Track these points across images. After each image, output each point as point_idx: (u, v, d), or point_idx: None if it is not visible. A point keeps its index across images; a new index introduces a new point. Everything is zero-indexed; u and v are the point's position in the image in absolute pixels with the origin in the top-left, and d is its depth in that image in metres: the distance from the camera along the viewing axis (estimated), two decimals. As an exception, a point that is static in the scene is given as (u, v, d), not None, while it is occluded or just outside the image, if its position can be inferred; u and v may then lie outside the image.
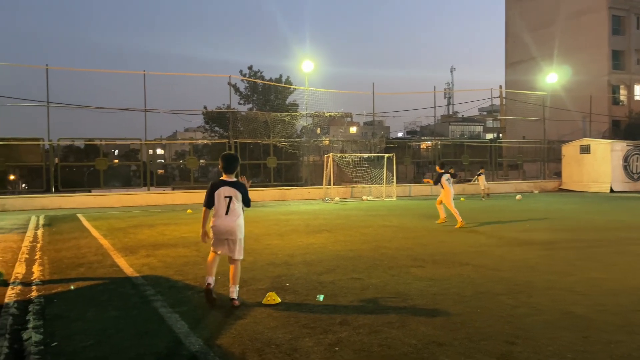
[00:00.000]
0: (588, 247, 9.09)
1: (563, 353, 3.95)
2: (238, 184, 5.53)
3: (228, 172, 5.56)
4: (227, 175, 5.55)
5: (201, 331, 4.60)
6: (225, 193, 5.44)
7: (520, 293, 5.77)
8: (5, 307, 5.54)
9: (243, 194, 5.51)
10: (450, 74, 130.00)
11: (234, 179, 5.56)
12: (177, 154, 60.12)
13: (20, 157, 23.69)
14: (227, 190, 5.45)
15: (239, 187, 5.51)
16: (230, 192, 5.45)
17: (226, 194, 5.44)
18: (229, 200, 5.43)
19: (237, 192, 5.47)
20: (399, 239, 10.38)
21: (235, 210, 5.45)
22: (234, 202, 5.44)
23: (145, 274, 7.23)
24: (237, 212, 5.47)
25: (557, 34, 48.23)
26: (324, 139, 34.01)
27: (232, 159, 5.64)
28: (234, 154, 5.82)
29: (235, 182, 5.53)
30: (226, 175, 5.56)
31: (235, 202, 5.45)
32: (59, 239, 11.38)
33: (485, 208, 18.50)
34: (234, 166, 5.60)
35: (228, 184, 5.49)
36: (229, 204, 5.43)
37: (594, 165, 29.90)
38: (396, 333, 4.44)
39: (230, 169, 5.56)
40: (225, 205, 5.43)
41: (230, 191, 5.45)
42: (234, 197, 5.44)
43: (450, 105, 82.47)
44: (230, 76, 29.85)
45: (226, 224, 5.42)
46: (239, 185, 5.53)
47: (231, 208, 5.43)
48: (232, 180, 5.53)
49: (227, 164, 5.56)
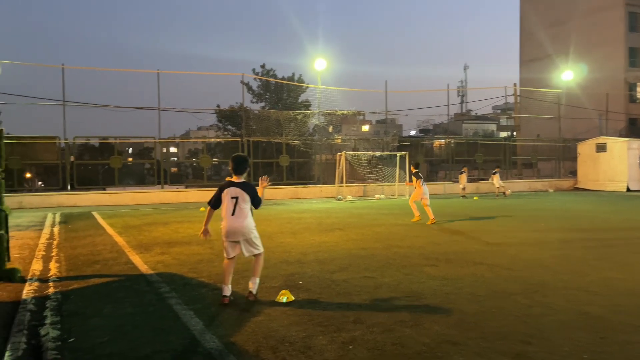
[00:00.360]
0: (604, 247, 8.99)
1: (579, 353, 3.91)
2: (246, 185, 5.52)
3: (237, 173, 5.56)
4: (237, 177, 5.55)
5: (216, 328, 4.63)
6: (232, 194, 5.44)
7: (535, 293, 5.73)
8: (23, 303, 5.63)
9: (251, 195, 5.48)
10: (463, 71, 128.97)
11: (242, 180, 5.55)
12: (190, 152, 60.54)
13: (36, 155, 24.01)
14: (233, 191, 5.44)
15: (247, 188, 5.49)
16: (237, 193, 5.43)
17: (233, 195, 5.43)
18: (235, 201, 5.41)
19: (244, 192, 5.44)
20: (412, 237, 10.35)
21: (242, 211, 5.43)
22: (240, 203, 5.42)
23: (159, 271, 7.30)
24: (245, 213, 5.44)
25: (572, 31, 47.63)
26: (336, 137, 34.00)
27: (241, 160, 5.61)
28: (244, 155, 5.80)
29: (242, 183, 5.52)
30: (236, 176, 5.56)
31: (242, 203, 5.43)
32: (74, 236, 11.53)
33: (499, 207, 18.36)
34: (243, 167, 5.59)
35: (236, 184, 5.49)
36: (235, 205, 5.41)
37: (610, 164, 29.50)
38: (409, 332, 4.44)
39: (239, 170, 5.56)
40: (232, 206, 5.42)
41: (236, 192, 5.43)
42: (240, 198, 5.42)
43: (463, 103, 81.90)
44: (243, 75, 30.02)
45: (234, 225, 5.42)
46: (247, 186, 5.50)
47: (237, 209, 5.41)
48: (240, 182, 5.52)
49: (237, 165, 5.56)
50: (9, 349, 4.19)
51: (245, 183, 5.54)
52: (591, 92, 39.01)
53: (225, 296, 5.47)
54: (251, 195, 5.49)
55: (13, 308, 5.48)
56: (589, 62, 45.21)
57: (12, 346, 4.25)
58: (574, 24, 47.98)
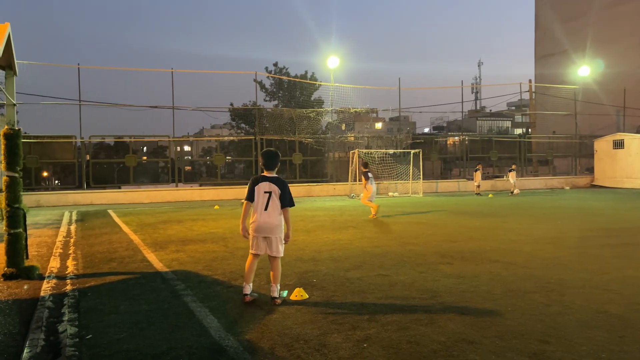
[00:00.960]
0: (622, 245, 8.85)
1: (597, 353, 3.86)
2: (278, 180, 5.45)
3: (268, 168, 5.49)
4: (268, 172, 5.50)
5: (231, 326, 4.65)
6: (265, 188, 5.37)
7: (552, 291, 5.66)
8: (41, 300, 5.71)
9: (282, 191, 5.38)
10: (477, 68, 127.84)
11: (274, 175, 5.49)
12: (204, 150, 60.90)
13: (53, 154, 24.34)
14: (266, 186, 5.37)
15: (279, 183, 5.42)
16: (270, 188, 5.36)
17: (266, 190, 5.36)
18: (268, 196, 5.34)
19: (276, 187, 5.36)
20: (427, 235, 10.30)
21: (275, 207, 5.34)
22: (273, 198, 5.35)
23: (174, 268, 7.35)
24: (278, 209, 5.36)
25: (588, 26, 46.97)
26: (349, 135, 33.94)
27: (272, 155, 5.57)
28: (275, 151, 5.72)
29: (275, 178, 5.45)
30: (267, 171, 5.51)
31: (275, 198, 5.35)
32: (91, 234, 11.66)
33: (514, 204, 18.18)
34: (274, 162, 5.52)
35: (268, 179, 5.42)
36: (268, 200, 5.34)
37: (628, 161, 29.06)
38: (425, 330, 4.41)
39: (270, 165, 5.50)
40: (264, 200, 5.34)
41: (269, 186, 5.37)
42: (273, 193, 5.35)
43: (477, 100, 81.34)
44: (256, 73, 30.08)
45: (266, 220, 5.33)
46: (279, 181, 5.43)
47: (270, 204, 5.33)
48: (272, 176, 5.46)
49: (268, 160, 5.50)
50: (28, 345, 4.24)
51: (278, 178, 5.47)
52: (608, 88, 38.44)
53: (246, 294, 5.41)
54: (284, 192, 5.40)
55: (32, 305, 5.56)
56: (606, 57, 44.55)
57: (30, 343, 4.30)
58: (590, 19, 47.31)
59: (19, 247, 6.88)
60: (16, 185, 6.85)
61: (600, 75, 41.55)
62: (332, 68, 28.96)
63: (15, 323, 4.96)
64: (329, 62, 28.86)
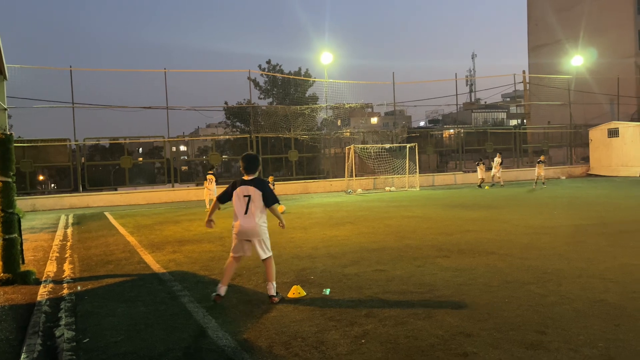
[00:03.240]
0: (619, 233, 8.88)
1: (594, 342, 3.87)
2: (257, 182, 5.39)
3: (248, 172, 5.44)
4: (248, 175, 5.44)
5: (228, 325, 4.64)
6: (243, 192, 5.32)
7: (549, 282, 5.68)
8: (38, 305, 5.68)
9: (263, 192, 5.33)
10: (471, 60, 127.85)
11: (253, 177, 5.43)
12: (199, 150, 60.70)
13: (48, 157, 24.21)
14: (245, 189, 5.33)
15: (258, 184, 5.36)
16: (249, 191, 5.31)
17: (245, 193, 5.32)
18: (247, 200, 5.29)
19: (255, 190, 5.31)
20: (423, 229, 10.31)
21: (255, 210, 5.29)
22: (253, 201, 5.29)
23: (172, 269, 7.33)
24: (258, 212, 5.31)
25: (581, 16, 46.94)
26: (344, 131, 33.92)
27: (252, 159, 5.52)
28: (254, 154, 5.71)
29: (254, 180, 5.39)
30: (247, 175, 5.44)
31: (255, 201, 5.29)
32: (87, 237, 11.62)
33: (510, 196, 18.22)
34: (254, 166, 5.49)
35: (247, 182, 5.36)
36: (247, 203, 5.29)
37: (623, 149, 29.15)
38: (422, 324, 4.42)
39: (250, 169, 5.45)
40: (244, 204, 5.30)
41: (248, 190, 5.32)
42: (252, 196, 5.30)
43: (472, 92, 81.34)
44: (249, 71, 30.02)
45: (247, 224, 5.29)
46: (258, 183, 5.37)
47: (250, 207, 5.28)
48: (251, 179, 5.40)
49: (247, 164, 5.45)
50: (25, 351, 4.23)
51: (256, 180, 5.42)
52: (602, 77, 38.49)
53: (219, 295, 5.37)
54: (264, 192, 5.35)
55: (28, 310, 5.54)
56: (599, 46, 44.57)
57: (27, 348, 4.29)
58: (582, 8, 47.27)
59: (14, 252, 6.85)
60: (10, 190, 6.82)
61: (594, 64, 41.56)
62: (326, 64, 28.94)
63: (12, 329, 4.94)
64: (323, 58, 28.81)
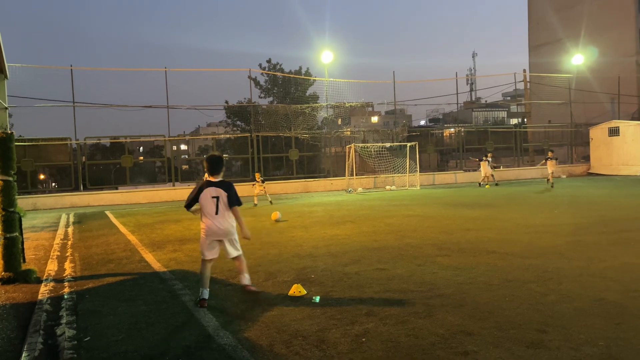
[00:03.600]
0: (619, 232, 8.87)
1: (595, 340, 3.87)
2: (223, 184, 5.52)
3: (213, 173, 5.57)
4: (213, 177, 5.56)
5: (229, 324, 4.65)
6: (211, 194, 5.44)
7: (550, 280, 5.68)
8: (39, 304, 5.70)
9: (229, 193, 5.46)
10: (472, 59, 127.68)
11: (219, 179, 5.56)
12: (200, 149, 60.73)
13: (49, 157, 24.23)
14: (213, 191, 5.45)
15: (224, 186, 5.49)
16: (217, 192, 5.44)
17: (212, 195, 5.44)
18: (216, 201, 5.42)
19: (222, 191, 5.44)
20: (424, 228, 10.31)
21: (225, 210, 5.44)
22: (221, 201, 5.42)
23: (172, 268, 7.34)
24: (228, 212, 5.46)
25: (581, 14, 46.89)
26: (345, 130, 33.90)
27: (216, 161, 5.63)
28: (219, 155, 5.80)
29: (220, 182, 5.53)
30: (212, 176, 5.57)
31: (223, 201, 5.43)
32: (88, 236, 11.64)
33: (511, 194, 18.21)
34: (219, 167, 5.59)
35: (214, 184, 5.48)
36: (217, 204, 5.42)
37: (624, 148, 29.12)
38: (423, 323, 4.42)
39: (215, 170, 5.56)
40: (214, 205, 5.42)
41: (217, 191, 5.44)
42: (220, 197, 5.43)
43: (472, 91, 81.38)
44: (250, 70, 30.01)
45: (219, 225, 5.41)
46: (224, 185, 5.50)
47: (220, 208, 5.42)
48: (218, 181, 5.53)
49: (212, 165, 5.57)
50: (26, 349, 4.24)
51: (223, 182, 5.54)
52: (602, 76, 38.45)
53: (204, 299, 5.35)
54: (230, 193, 5.47)
55: (29, 309, 5.55)
56: (600, 45, 44.51)
57: (28, 347, 4.29)
58: (583, 7, 47.20)
59: (15, 251, 6.86)
60: (11, 189, 6.83)
61: (595, 63, 41.52)
62: (326, 63, 28.90)
63: (13, 327, 4.95)
64: (323, 57, 28.78)
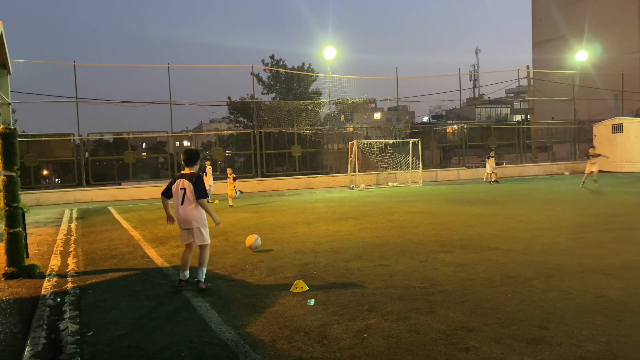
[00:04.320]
0: (621, 229, 8.86)
1: (597, 337, 3.87)
2: (192, 177, 5.83)
3: (188, 164, 5.95)
4: (188, 168, 5.94)
5: (231, 319, 4.67)
6: (180, 185, 5.82)
7: (552, 277, 5.68)
8: (42, 298, 5.72)
9: (195, 185, 5.76)
10: (475, 55, 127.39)
11: (192, 172, 5.91)
12: (203, 145, 60.77)
13: (52, 152, 24.33)
14: (181, 183, 5.82)
15: (192, 179, 5.80)
16: (184, 185, 5.80)
17: (181, 186, 5.81)
18: (183, 192, 5.79)
19: (189, 183, 5.77)
20: (426, 224, 10.31)
21: (190, 201, 5.77)
22: (187, 193, 5.77)
23: (175, 264, 7.36)
24: (193, 203, 5.78)
25: (585, 11, 46.66)
26: (348, 126, 33.88)
27: (191, 153, 6.03)
28: (195, 149, 6.30)
29: (190, 175, 5.85)
30: (187, 168, 5.95)
31: (189, 193, 5.77)
32: (91, 231, 11.67)
33: (514, 191, 18.19)
34: (193, 159, 5.97)
35: (184, 176, 5.86)
36: (183, 196, 5.78)
37: (627, 145, 29.06)
38: (425, 319, 4.43)
39: (188, 162, 5.94)
40: (180, 197, 5.80)
41: (184, 183, 5.80)
42: (187, 189, 5.77)
43: (476, 87, 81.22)
44: (252, 66, 29.89)
45: (183, 214, 5.79)
46: (193, 178, 5.81)
47: (185, 199, 5.77)
48: (188, 173, 5.88)
49: (188, 157, 5.96)
50: (29, 344, 4.26)
51: (193, 174, 5.88)
52: (606, 73, 38.27)
53: (182, 280, 5.93)
54: (196, 186, 5.77)
55: (33, 303, 5.58)
56: (603, 41, 44.29)
57: (31, 341, 4.32)
58: (586, 4, 46.96)
59: (18, 246, 6.89)
60: (14, 185, 6.85)
61: (598, 59, 41.33)
62: (329, 59, 28.84)
63: (17, 322, 4.97)
64: (326, 53, 28.72)
